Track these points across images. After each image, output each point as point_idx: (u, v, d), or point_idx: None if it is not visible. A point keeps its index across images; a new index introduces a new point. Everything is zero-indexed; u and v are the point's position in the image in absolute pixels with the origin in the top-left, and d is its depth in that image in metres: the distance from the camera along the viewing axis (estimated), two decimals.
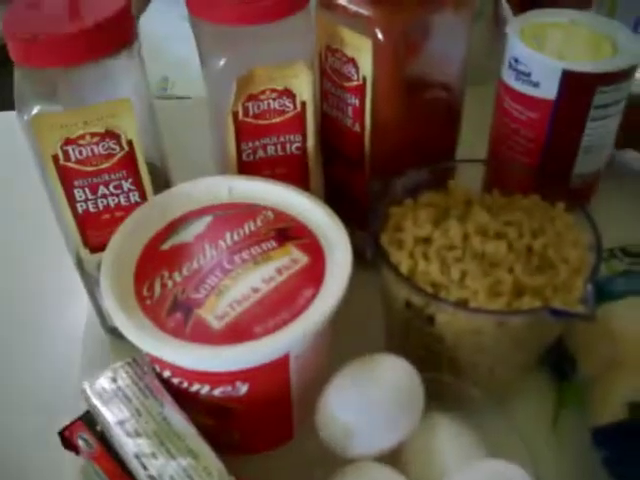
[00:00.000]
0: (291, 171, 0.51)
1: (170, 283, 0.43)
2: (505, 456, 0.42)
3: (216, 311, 0.41)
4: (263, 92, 0.47)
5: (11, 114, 0.45)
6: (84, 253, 0.50)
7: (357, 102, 0.51)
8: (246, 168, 0.51)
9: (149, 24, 0.88)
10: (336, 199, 0.55)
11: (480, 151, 0.60)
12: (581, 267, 0.45)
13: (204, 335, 0.40)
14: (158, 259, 0.45)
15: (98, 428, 0.42)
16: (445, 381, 0.46)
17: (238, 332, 0.40)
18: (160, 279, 0.43)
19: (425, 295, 0.43)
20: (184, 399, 0.43)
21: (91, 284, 0.53)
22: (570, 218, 0.48)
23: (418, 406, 0.43)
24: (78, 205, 0.48)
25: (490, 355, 0.46)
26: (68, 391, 0.49)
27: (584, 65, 0.49)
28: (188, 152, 0.60)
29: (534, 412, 0.51)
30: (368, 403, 0.41)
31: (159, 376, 0.44)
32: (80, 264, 0.52)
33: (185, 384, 0.42)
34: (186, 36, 0.50)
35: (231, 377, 0.41)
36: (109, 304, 0.42)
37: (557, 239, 0.46)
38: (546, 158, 0.54)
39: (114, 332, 0.54)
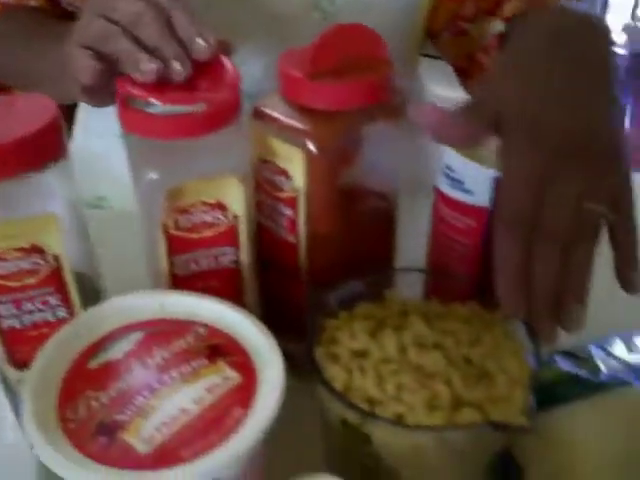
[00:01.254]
0: (225, 284, 0.50)
1: (95, 404, 0.41)
2: None
3: (142, 434, 0.39)
4: (194, 205, 0.47)
5: None
6: (9, 370, 0.48)
7: (291, 213, 0.50)
8: (179, 282, 0.49)
9: (84, 142, 0.87)
10: (273, 311, 0.54)
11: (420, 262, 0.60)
12: (521, 376, 0.44)
13: (129, 460, 0.38)
14: (84, 378, 0.43)
15: None
16: None
17: (164, 456, 0.38)
18: (85, 400, 0.41)
19: (360, 412, 0.42)
20: None
21: (16, 401, 0.51)
22: (508, 326, 0.48)
23: None
24: (3, 321, 0.46)
25: (432, 471, 0.44)
26: None
27: None
28: (125, 265, 0.59)
29: None
30: None
31: None
32: (5, 380, 0.50)
33: None
34: (123, 154, 0.49)
35: None
36: (29, 427, 0.40)
37: (495, 348, 0.46)
38: (484, 266, 0.53)
39: None
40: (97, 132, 0.84)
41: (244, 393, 0.42)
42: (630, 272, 0.47)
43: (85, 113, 0.89)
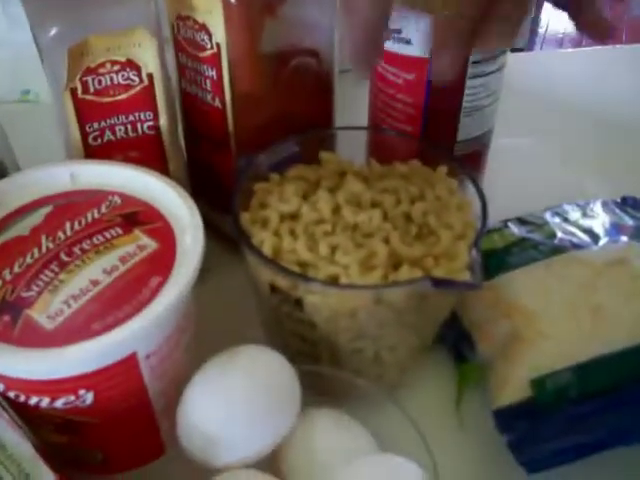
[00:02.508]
0: (145, 153, 0.46)
1: None
2: (399, 449, 0.38)
3: (49, 310, 0.36)
4: (102, 65, 0.42)
5: None
6: None
7: (214, 74, 0.46)
8: (95, 153, 0.45)
9: (6, 34, 0.81)
10: (203, 183, 0.50)
11: None
12: (465, 232, 0.41)
13: (34, 338, 0.35)
14: None
15: None
16: (325, 373, 0.41)
17: (73, 331, 0.35)
18: None
19: (288, 274, 0.38)
20: (28, 415, 0.37)
21: None
22: (453, 182, 0.44)
23: (293, 403, 0.38)
24: None
25: (372, 339, 0.41)
26: None
27: None
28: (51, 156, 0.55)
29: (433, 399, 0.47)
30: (230, 403, 0.36)
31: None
32: None
33: (22, 397, 0.37)
34: None
35: (71, 385, 0.35)
36: None
37: (438, 204, 0.42)
38: (428, 123, 0.49)
39: None
40: (20, 22, 0.78)
41: (162, 261, 0.38)
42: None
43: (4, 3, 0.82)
